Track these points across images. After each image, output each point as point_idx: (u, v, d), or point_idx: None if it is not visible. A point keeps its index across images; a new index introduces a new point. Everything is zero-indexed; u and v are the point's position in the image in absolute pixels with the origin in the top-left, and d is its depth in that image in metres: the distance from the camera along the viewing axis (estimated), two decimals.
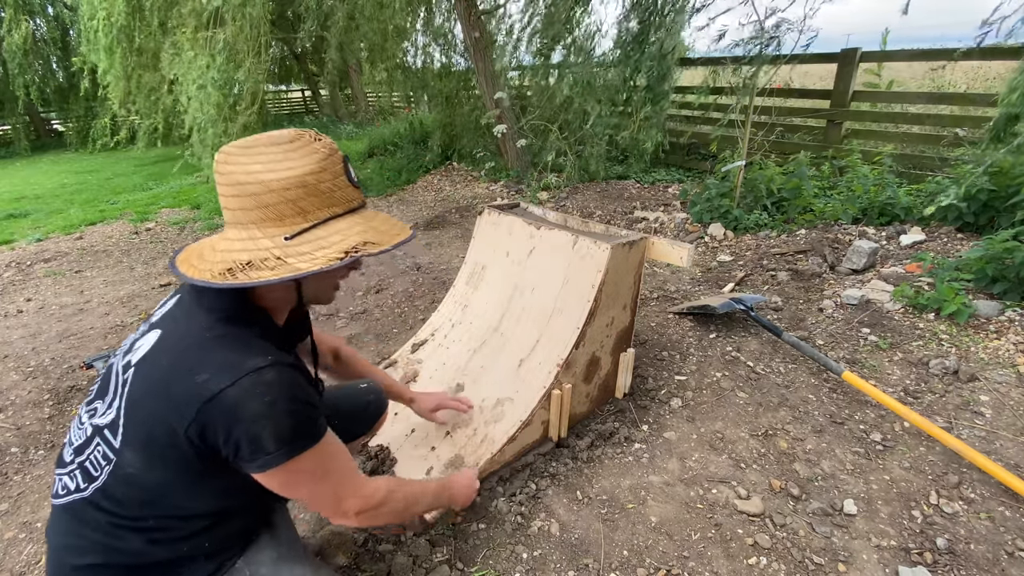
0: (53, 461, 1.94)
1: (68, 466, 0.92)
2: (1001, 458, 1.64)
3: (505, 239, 2.05)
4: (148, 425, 0.84)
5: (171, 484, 0.87)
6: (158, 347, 0.88)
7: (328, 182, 0.88)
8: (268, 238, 0.85)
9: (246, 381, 0.81)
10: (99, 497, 0.87)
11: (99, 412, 0.90)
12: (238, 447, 0.82)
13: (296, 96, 17.24)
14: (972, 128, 3.99)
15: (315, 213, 0.87)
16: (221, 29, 4.30)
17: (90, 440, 0.89)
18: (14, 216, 5.83)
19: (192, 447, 0.83)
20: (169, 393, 0.82)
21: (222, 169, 0.85)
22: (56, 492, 0.93)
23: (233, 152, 0.85)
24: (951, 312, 2.30)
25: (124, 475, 0.85)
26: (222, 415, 0.80)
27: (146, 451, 0.84)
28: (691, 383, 2.13)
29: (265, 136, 0.86)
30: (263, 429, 0.82)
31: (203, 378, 0.81)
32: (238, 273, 0.83)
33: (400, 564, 1.39)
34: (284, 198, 0.84)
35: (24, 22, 9.92)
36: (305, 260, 0.84)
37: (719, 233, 3.75)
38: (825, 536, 1.44)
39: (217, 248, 0.88)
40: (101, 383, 0.94)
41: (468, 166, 6.69)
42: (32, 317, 3.23)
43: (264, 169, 0.83)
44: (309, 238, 0.86)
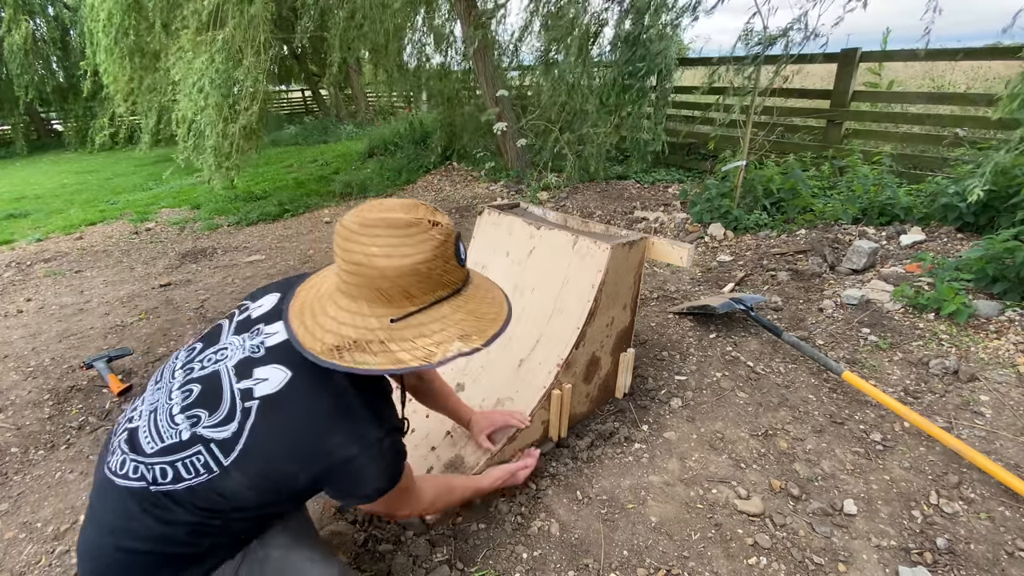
0: (54, 461, 1.94)
1: (150, 457, 0.93)
2: (1001, 458, 1.64)
3: (505, 239, 2.05)
4: (270, 462, 0.91)
5: (264, 502, 0.95)
6: (288, 392, 0.92)
7: (439, 268, 0.91)
8: (375, 317, 0.90)
9: (371, 451, 0.93)
10: (181, 495, 0.91)
11: (204, 422, 0.92)
12: (347, 494, 1.01)
13: (296, 96, 17.23)
14: (972, 128, 3.99)
15: (422, 298, 0.91)
16: (221, 29, 4.29)
17: (188, 444, 0.92)
18: (14, 216, 5.83)
19: (302, 487, 0.95)
20: (299, 447, 0.91)
21: (342, 245, 0.89)
22: (125, 473, 0.93)
23: (353, 229, 0.87)
24: (951, 312, 2.30)
25: (223, 487, 0.90)
26: (345, 477, 0.94)
27: (258, 479, 0.91)
28: (691, 383, 2.13)
29: (383, 215, 0.87)
30: (372, 484, 0.98)
31: (333, 443, 0.91)
32: (344, 353, 0.87)
33: (400, 564, 1.39)
34: (396, 284, 0.87)
35: (24, 22, 9.92)
36: (406, 348, 0.89)
37: (719, 233, 3.75)
38: (825, 536, 1.44)
39: (327, 311, 0.92)
40: (204, 393, 0.95)
41: (468, 166, 6.69)
42: (32, 317, 3.23)
43: (381, 254, 0.86)
44: (412, 322, 0.91)
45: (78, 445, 2.02)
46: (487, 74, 5.59)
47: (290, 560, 1.03)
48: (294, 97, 17.31)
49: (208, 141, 4.56)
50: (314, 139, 10.98)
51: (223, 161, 4.68)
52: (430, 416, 1.79)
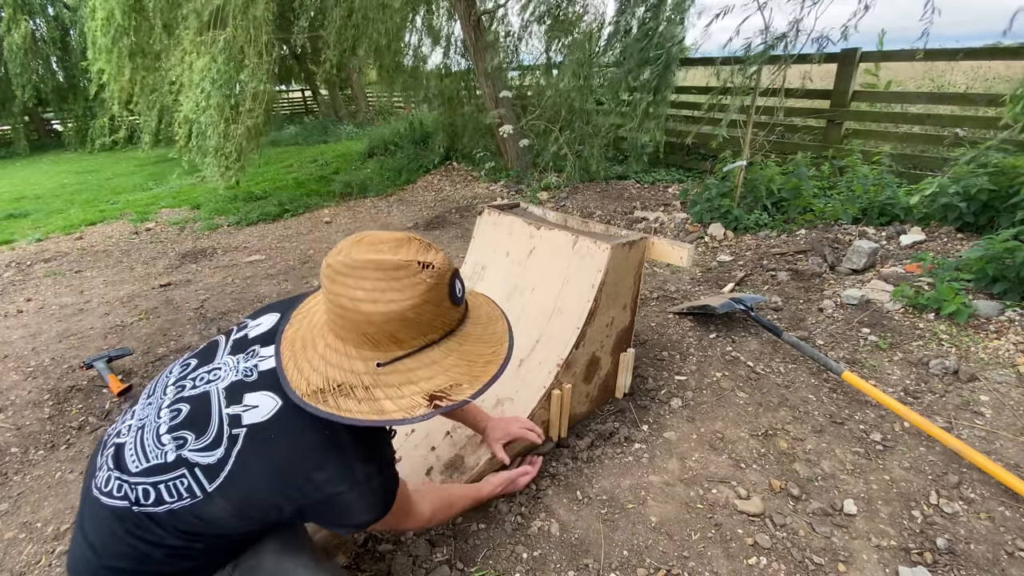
0: (54, 461, 1.94)
1: (135, 477, 0.92)
2: (1001, 458, 1.64)
3: (505, 239, 2.05)
4: (254, 492, 0.90)
5: (248, 530, 0.96)
6: (276, 423, 0.90)
7: (429, 314, 0.86)
8: (362, 360, 0.87)
9: (359, 489, 0.91)
10: (163, 518, 0.90)
11: (190, 445, 0.91)
12: (337, 525, 0.99)
13: (296, 96, 17.24)
14: (972, 128, 3.99)
15: (410, 342, 0.87)
16: (222, 30, 4.28)
17: (173, 467, 0.90)
18: (14, 216, 5.83)
19: (287, 518, 0.94)
20: (285, 480, 0.89)
21: (329, 286, 0.85)
22: (110, 491, 0.93)
23: (339, 270, 0.83)
24: (951, 312, 2.30)
25: (206, 513, 0.89)
26: (331, 510, 0.93)
27: (242, 507, 0.90)
28: (691, 383, 2.13)
29: (372, 257, 0.82)
30: (361, 516, 0.96)
31: (320, 478, 0.89)
32: (328, 397, 0.85)
33: (400, 564, 1.39)
34: (382, 330, 0.84)
35: (24, 22, 9.92)
36: (392, 396, 0.85)
37: (719, 233, 3.75)
38: (825, 536, 1.44)
39: (316, 348, 0.90)
40: (191, 415, 0.94)
41: (468, 166, 6.69)
42: (32, 317, 3.23)
43: (367, 298, 0.82)
44: (400, 367, 0.87)
45: (78, 445, 2.02)
46: (487, 74, 5.59)
47: (282, 567, 1.02)
48: (294, 97, 17.31)
49: (210, 142, 4.56)
50: (314, 139, 10.98)
51: (226, 163, 4.68)
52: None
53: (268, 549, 1.03)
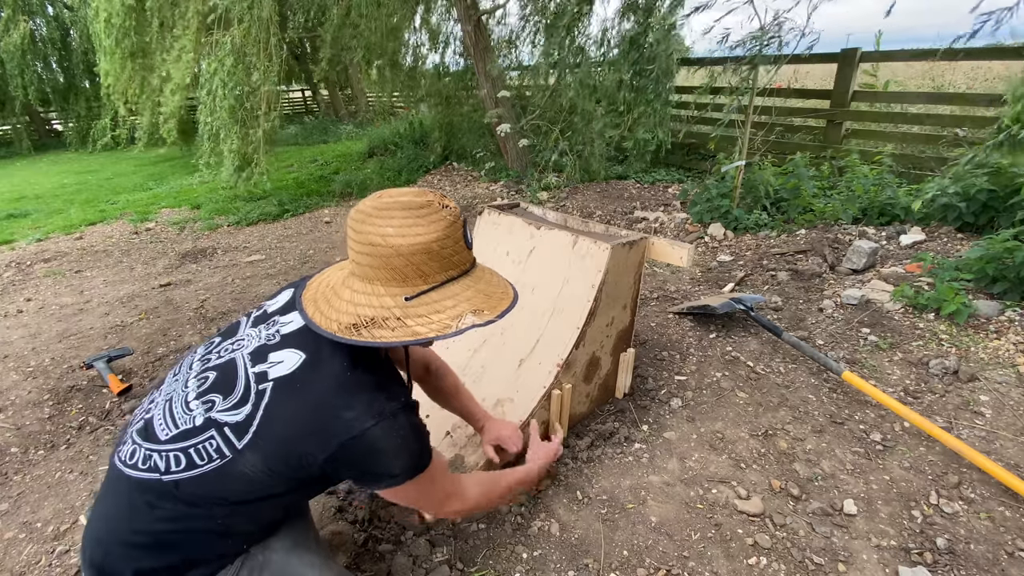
0: (54, 461, 1.94)
1: (162, 445, 0.93)
2: (1001, 458, 1.64)
3: (505, 239, 2.05)
4: (284, 442, 0.91)
5: (274, 492, 0.94)
6: (302, 372, 0.94)
7: (450, 247, 0.95)
8: (390, 296, 0.93)
9: (385, 423, 0.91)
10: (191, 484, 0.90)
11: (218, 407, 0.94)
12: (370, 475, 0.97)
13: (296, 96, 17.23)
14: (972, 128, 3.99)
15: (434, 276, 0.95)
16: (228, 31, 4.27)
17: (203, 429, 0.93)
18: (14, 216, 5.83)
19: (320, 471, 0.92)
20: (315, 423, 0.91)
21: (358, 227, 0.92)
22: (135, 463, 0.94)
23: (369, 212, 0.92)
24: (951, 312, 2.30)
25: (236, 472, 0.90)
26: (362, 451, 0.91)
27: (269, 461, 0.91)
28: (691, 383, 2.13)
29: (397, 199, 0.92)
30: (394, 461, 0.95)
31: (350, 415, 0.90)
32: (363, 330, 0.91)
33: (400, 564, 1.39)
34: (410, 262, 0.91)
35: (23, 22, 9.91)
36: (422, 323, 0.92)
37: (719, 233, 3.75)
38: (825, 536, 1.44)
39: (342, 296, 0.96)
40: (219, 379, 0.97)
41: (468, 166, 6.69)
42: (32, 317, 3.23)
43: (396, 233, 0.90)
44: (426, 300, 0.94)
45: (78, 445, 2.02)
46: (487, 74, 5.59)
47: (290, 564, 1.02)
48: (294, 97, 17.30)
49: (226, 146, 4.56)
50: (314, 139, 10.98)
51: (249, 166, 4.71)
52: (430, 416, 1.79)
53: (277, 546, 1.03)
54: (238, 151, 4.58)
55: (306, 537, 1.10)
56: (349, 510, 1.60)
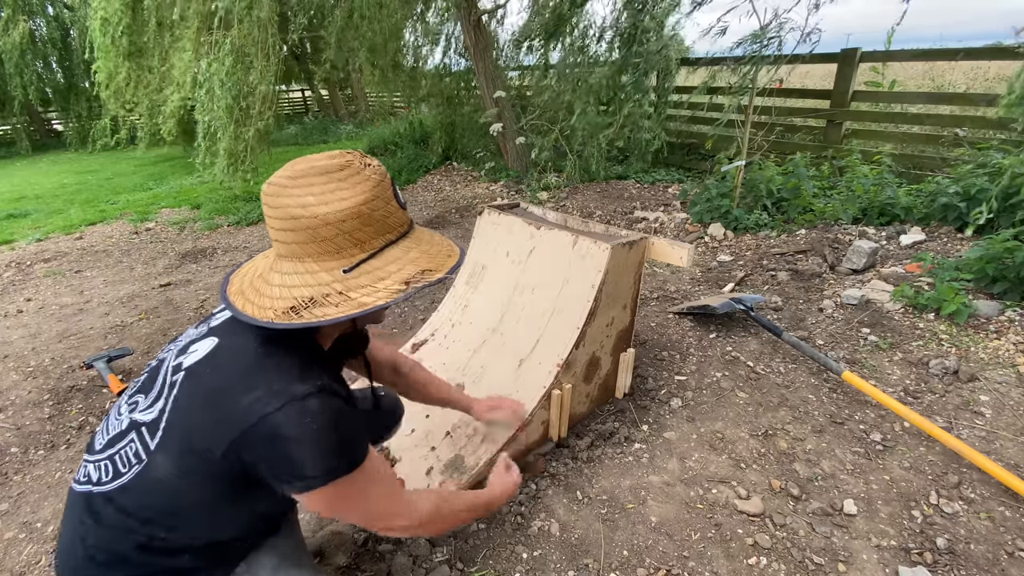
0: (54, 461, 1.94)
1: (97, 455, 0.90)
2: (1001, 458, 1.64)
3: (505, 239, 2.05)
4: (189, 436, 0.83)
5: (197, 499, 0.86)
6: (211, 358, 0.88)
7: (381, 209, 0.87)
8: (326, 271, 0.85)
9: (290, 409, 0.80)
10: (118, 495, 0.85)
11: (140, 407, 0.89)
12: (278, 469, 0.83)
13: (296, 96, 17.23)
14: (972, 128, 3.99)
15: (371, 242, 0.87)
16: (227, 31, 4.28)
17: (125, 434, 0.88)
18: (14, 216, 5.83)
19: (228, 464, 0.82)
20: (215, 410, 0.82)
21: (273, 202, 0.84)
22: (78, 478, 0.92)
23: (283, 183, 0.83)
24: (951, 312, 2.30)
25: (152, 479, 0.84)
26: (263, 440, 0.80)
27: (181, 460, 0.83)
28: (691, 383, 2.13)
29: (312, 164, 0.84)
30: (303, 454, 0.81)
31: (249, 400, 0.81)
32: (303, 312, 0.82)
33: (400, 564, 1.39)
34: (340, 230, 0.83)
35: (23, 22, 9.90)
36: (367, 293, 0.84)
37: (719, 233, 3.75)
38: (825, 536, 1.44)
39: (272, 282, 0.87)
40: (148, 376, 0.93)
41: (468, 166, 6.69)
42: (32, 317, 3.23)
43: (317, 202, 0.82)
44: (367, 269, 0.86)
45: (78, 445, 2.02)
46: (487, 74, 5.59)
47: None
48: (294, 97, 17.30)
49: (221, 144, 4.56)
50: (314, 139, 10.98)
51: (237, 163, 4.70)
52: (430, 416, 1.79)
53: (264, 563, 0.99)
54: (229, 149, 4.58)
55: (295, 553, 1.05)
56: None
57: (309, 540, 1.45)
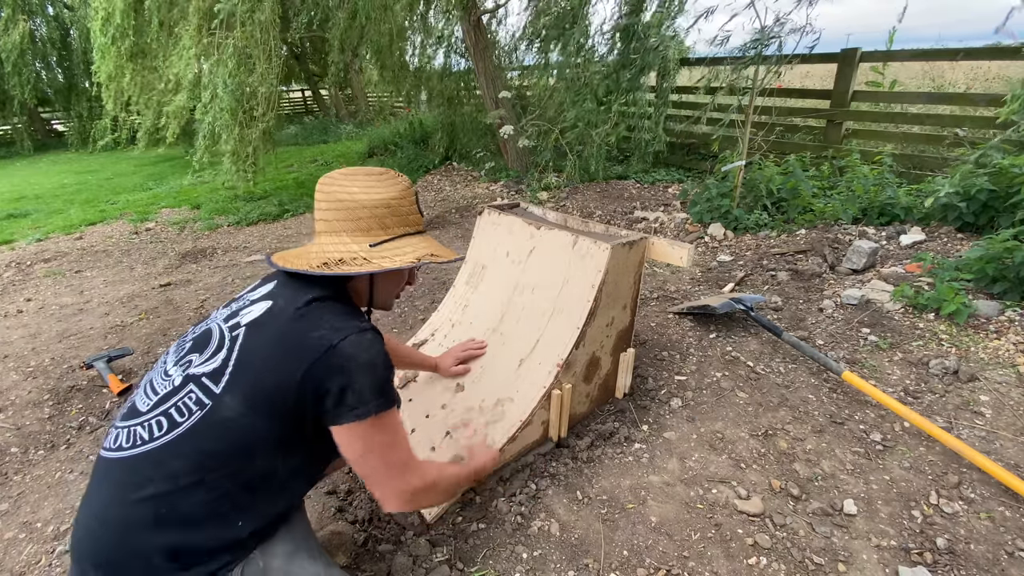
0: (54, 461, 1.94)
1: (143, 415, 0.95)
2: (1001, 458, 1.64)
3: (505, 239, 2.05)
4: (260, 374, 0.94)
5: (258, 434, 0.94)
6: (271, 312, 1.02)
7: (406, 207, 1.14)
8: (356, 244, 1.08)
9: (355, 338, 0.97)
10: (174, 445, 0.90)
11: (195, 363, 0.99)
12: (343, 393, 0.95)
13: (296, 96, 17.23)
14: (972, 128, 3.99)
15: (393, 229, 1.12)
16: (230, 33, 4.28)
17: (180, 388, 0.96)
18: (14, 216, 5.83)
19: (297, 395, 0.93)
20: (287, 346, 0.96)
21: (327, 189, 1.10)
22: (119, 444, 0.94)
23: (336, 177, 1.11)
24: (951, 312, 2.30)
25: (217, 420, 0.92)
26: (337, 362, 0.95)
27: (249, 398, 0.93)
28: (691, 383, 2.13)
29: (361, 168, 1.13)
30: (367, 378, 0.97)
31: (319, 334, 0.96)
32: (332, 267, 1.04)
33: (400, 564, 1.39)
34: (373, 214, 1.09)
35: (22, 22, 9.90)
36: (386, 260, 1.07)
37: (719, 233, 3.75)
38: (825, 536, 1.44)
39: (311, 250, 1.10)
40: (195, 342, 1.03)
41: (468, 166, 6.69)
42: (32, 317, 3.23)
43: (360, 191, 1.09)
44: (388, 247, 1.10)
45: (78, 445, 2.02)
46: (488, 74, 5.59)
47: (291, 571, 1.01)
48: (294, 97, 17.31)
49: (226, 146, 4.56)
50: (314, 139, 10.98)
51: (243, 165, 4.72)
52: (430, 416, 1.79)
53: (278, 551, 1.01)
54: (234, 151, 4.58)
55: (307, 543, 1.08)
56: (349, 510, 1.60)
57: None
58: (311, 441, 1.02)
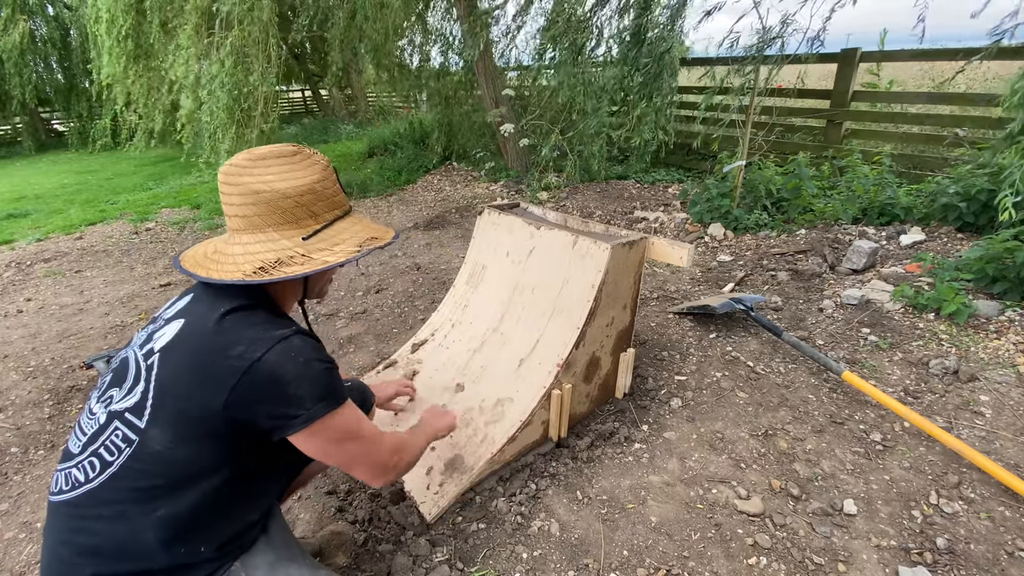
0: (53, 461, 1.94)
1: (76, 458, 0.91)
2: (1001, 458, 1.64)
3: (505, 239, 2.05)
4: (180, 402, 0.88)
5: (195, 463, 0.89)
6: (184, 333, 0.93)
7: (330, 188, 1.02)
8: (286, 239, 0.97)
9: (279, 347, 0.89)
10: (111, 483, 0.87)
11: (116, 399, 0.92)
12: (280, 410, 0.89)
13: (296, 96, 17.22)
14: (972, 128, 3.99)
15: (323, 216, 1.01)
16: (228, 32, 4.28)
17: (105, 427, 0.90)
18: (14, 216, 5.83)
19: (226, 421, 0.87)
20: (204, 370, 0.88)
21: (234, 181, 0.96)
22: (60, 488, 0.91)
23: (244, 164, 0.96)
24: (951, 312, 2.30)
25: (147, 454, 0.87)
26: (263, 381, 0.87)
27: (176, 428, 0.87)
28: (691, 383, 2.13)
29: (268, 150, 0.98)
30: (302, 387, 0.90)
31: (238, 351, 0.88)
32: (271, 271, 0.93)
33: (400, 564, 1.39)
34: (299, 203, 0.97)
35: (22, 22, 9.90)
36: (328, 254, 0.98)
37: (719, 233, 3.75)
38: (825, 536, 1.44)
39: (231, 252, 0.97)
40: (114, 375, 0.96)
41: (468, 166, 6.69)
42: (32, 317, 3.23)
43: (277, 179, 0.96)
44: (323, 236, 1.00)
45: None
46: (487, 74, 5.59)
47: None
48: (294, 97, 17.30)
49: (222, 145, 4.56)
50: (314, 139, 10.98)
51: None
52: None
53: (259, 562, 0.99)
54: (232, 151, 4.58)
55: (288, 550, 1.06)
56: (349, 510, 1.60)
57: (309, 540, 1.45)
58: (267, 456, 0.96)
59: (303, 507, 1.63)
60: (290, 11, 6.17)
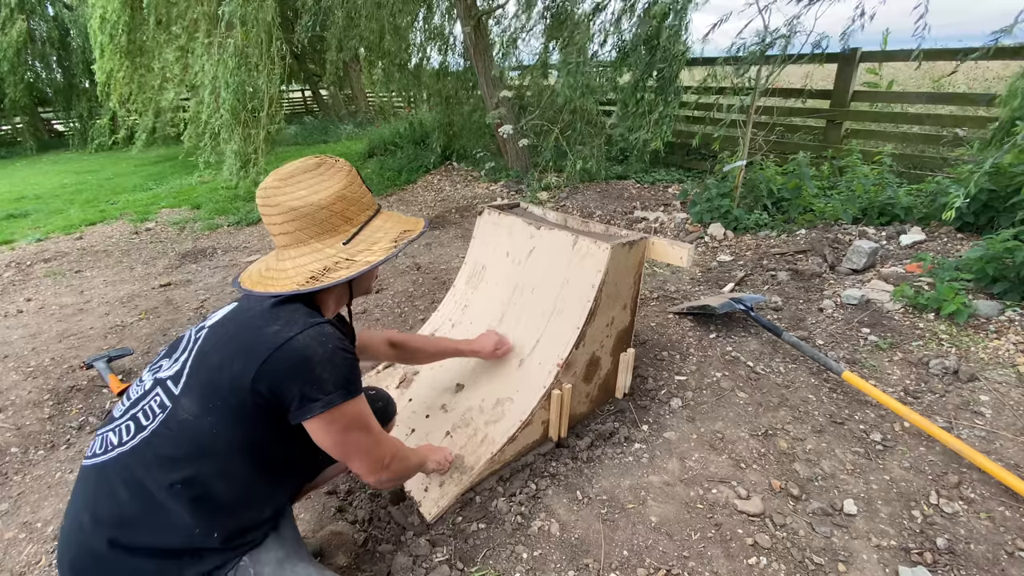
0: (53, 461, 1.94)
1: (116, 421, 0.98)
2: (1001, 458, 1.64)
3: (505, 239, 2.05)
4: (212, 372, 0.94)
5: (219, 437, 0.93)
6: (234, 311, 1.04)
7: (358, 191, 1.08)
8: (329, 247, 1.04)
9: (311, 331, 0.96)
10: (142, 447, 0.91)
11: (164, 368, 1.01)
12: (303, 389, 0.94)
13: (296, 96, 17.22)
14: (972, 128, 3.99)
15: (357, 218, 1.08)
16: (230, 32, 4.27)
17: (148, 392, 0.98)
18: (14, 216, 5.83)
19: (253, 395, 0.92)
20: (242, 343, 0.95)
21: (271, 202, 1.02)
22: (93, 452, 0.96)
23: (276, 185, 1.02)
24: (951, 312, 2.30)
25: (176, 422, 0.92)
26: (291, 358, 0.93)
27: (204, 398, 0.93)
28: (691, 383, 2.13)
29: (294, 167, 1.04)
30: (325, 370, 0.95)
31: (273, 329, 0.95)
32: (321, 278, 1.01)
33: (400, 564, 1.39)
34: (333, 211, 1.03)
35: (20, 21, 9.90)
36: (368, 255, 1.05)
37: (719, 233, 3.75)
38: (825, 536, 1.44)
39: (283, 267, 1.04)
40: (170, 347, 1.06)
41: (468, 166, 6.69)
42: (32, 317, 3.23)
43: (309, 192, 1.02)
44: (361, 238, 1.07)
45: (78, 445, 2.02)
46: (487, 74, 5.59)
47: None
48: (294, 97, 17.30)
49: (228, 146, 4.56)
50: (314, 139, 10.97)
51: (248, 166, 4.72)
52: (430, 416, 1.80)
53: (268, 559, 1.00)
54: (238, 151, 4.58)
55: (297, 549, 1.08)
56: (349, 510, 1.60)
57: (309, 540, 1.46)
58: (284, 445, 1.00)
59: (303, 507, 1.63)
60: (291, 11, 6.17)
